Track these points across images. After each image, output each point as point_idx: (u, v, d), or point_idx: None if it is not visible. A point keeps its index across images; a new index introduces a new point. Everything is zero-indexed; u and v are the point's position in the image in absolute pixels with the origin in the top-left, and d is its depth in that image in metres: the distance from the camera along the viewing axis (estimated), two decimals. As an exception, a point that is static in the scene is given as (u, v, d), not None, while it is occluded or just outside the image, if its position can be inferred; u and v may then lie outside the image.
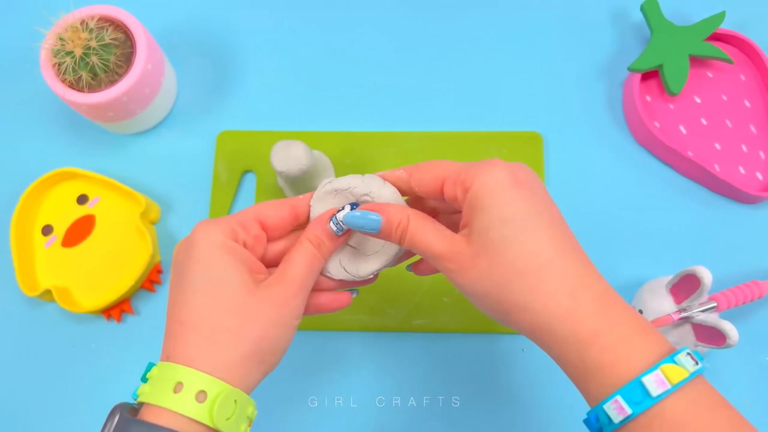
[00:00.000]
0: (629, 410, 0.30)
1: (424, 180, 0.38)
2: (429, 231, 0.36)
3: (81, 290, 0.56)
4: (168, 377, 0.33)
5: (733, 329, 0.46)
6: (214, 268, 0.35)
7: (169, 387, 0.33)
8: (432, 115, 0.61)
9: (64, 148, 0.61)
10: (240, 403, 0.34)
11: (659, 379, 0.30)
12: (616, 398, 0.31)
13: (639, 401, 0.30)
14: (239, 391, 0.34)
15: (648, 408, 0.30)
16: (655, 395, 0.30)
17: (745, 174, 0.57)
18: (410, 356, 0.55)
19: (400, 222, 0.36)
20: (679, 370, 0.30)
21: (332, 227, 0.38)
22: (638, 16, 0.63)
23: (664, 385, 0.30)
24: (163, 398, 0.33)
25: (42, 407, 0.55)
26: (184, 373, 0.33)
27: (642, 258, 0.56)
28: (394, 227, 0.37)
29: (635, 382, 0.30)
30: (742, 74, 0.60)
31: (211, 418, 0.32)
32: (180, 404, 0.32)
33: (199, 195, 0.59)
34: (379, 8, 0.65)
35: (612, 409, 0.31)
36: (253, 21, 0.65)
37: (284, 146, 0.51)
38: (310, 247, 0.37)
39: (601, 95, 0.61)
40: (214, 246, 0.36)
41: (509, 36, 0.63)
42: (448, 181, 0.36)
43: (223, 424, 0.33)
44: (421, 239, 0.36)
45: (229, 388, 0.33)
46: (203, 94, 0.63)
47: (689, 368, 0.31)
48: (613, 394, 0.31)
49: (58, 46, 0.53)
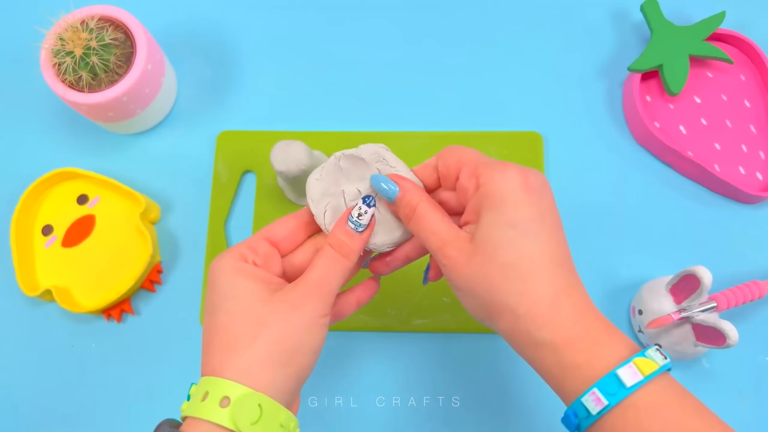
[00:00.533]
0: (606, 401, 0.32)
1: (448, 162, 0.39)
2: (436, 219, 0.37)
3: (81, 290, 0.56)
4: (200, 390, 0.35)
5: (733, 329, 0.46)
6: (228, 288, 0.37)
7: (199, 398, 0.35)
8: (432, 115, 0.61)
9: (64, 148, 0.61)
10: (267, 409, 0.34)
11: (633, 371, 0.33)
12: (594, 390, 0.33)
13: (614, 392, 0.32)
14: (264, 396, 0.34)
15: (623, 399, 0.32)
16: (629, 385, 0.32)
17: (745, 174, 0.57)
18: (410, 356, 0.55)
19: (411, 200, 0.38)
20: (650, 363, 0.33)
21: (350, 226, 0.39)
22: (638, 16, 0.63)
23: (637, 376, 0.32)
24: (195, 409, 0.34)
25: (42, 407, 0.55)
26: (209, 382, 0.35)
27: (642, 258, 0.56)
28: (406, 202, 0.38)
29: (611, 375, 0.33)
30: (742, 74, 0.60)
31: (233, 421, 0.33)
32: (208, 412, 0.34)
33: (199, 195, 0.59)
34: (379, 9, 0.65)
35: (590, 401, 0.33)
36: (253, 21, 0.65)
37: (284, 146, 0.51)
38: (329, 251, 0.38)
39: (601, 95, 0.61)
40: (226, 272, 0.37)
41: (509, 36, 0.63)
42: (464, 169, 0.38)
43: (247, 428, 0.33)
44: (427, 223, 0.37)
45: (250, 391, 0.34)
46: (203, 94, 0.63)
47: (659, 362, 0.33)
48: (590, 387, 0.33)
49: (58, 46, 0.53)
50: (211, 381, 0.35)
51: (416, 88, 0.62)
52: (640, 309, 0.52)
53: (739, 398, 0.53)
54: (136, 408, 0.54)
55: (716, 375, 0.53)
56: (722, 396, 0.53)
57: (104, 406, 0.55)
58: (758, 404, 0.53)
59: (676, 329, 0.50)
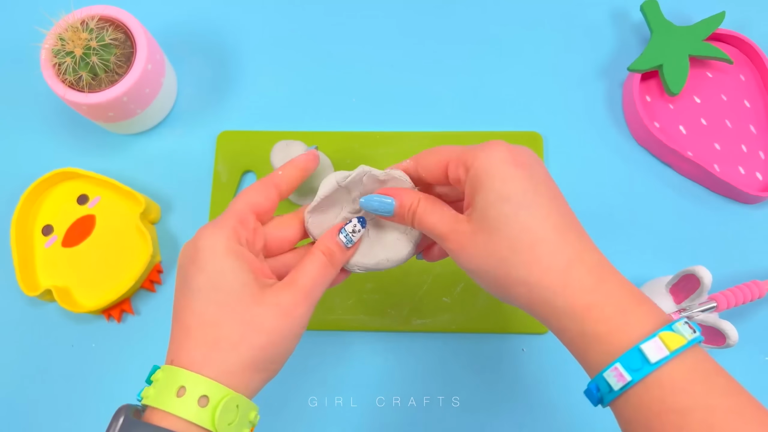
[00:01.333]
0: (629, 377, 0.31)
1: (429, 165, 0.39)
2: (435, 212, 0.38)
3: (81, 290, 0.56)
4: (172, 381, 0.34)
5: (733, 329, 0.46)
6: (218, 275, 0.35)
7: (172, 391, 0.33)
8: (432, 115, 0.61)
9: (64, 148, 0.61)
10: (242, 409, 0.34)
11: (658, 346, 0.31)
12: (616, 366, 0.31)
13: (638, 368, 0.31)
14: (242, 397, 0.34)
15: (647, 375, 0.31)
16: (653, 361, 0.31)
17: (745, 174, 0.57)
18: (410, 356, 0.55)
19: (411, 205, 0.38)
20: (677, 337, 0.31)
21: (342, 239, 0.39)
22: (638, 16, 0.63)
23: (663, 352, 0.31)
24: (166, 402, 0.33)
25: (42, 407, 0.55)
26: (187, 377, 0.33)
27: (642, 258, 0.56)
28: (406, 209, 0.38)
29: (634, 349, 0.31)
30: (741, 74, 0.60)
31: (213, 423, 0.33)
32: (182, 408, 0.33)
33: (199, 195, 0.59)
34: (378, 9, 0.65)
35: (612, 377, 0.32)
36: (253, 21, 0.65)
37: (284, 146, 0.51)
38: (321, 257, 0.38)
39: (601, 95, 0.61)
40: (217, 252, 0.36)
41: (509, 36, 0.63)
42: (451, 163, 0.38)
43: (224, 429, 0.33)
44: (428, 220, 0.38)
45: (232, 394, 0.34)
46: (203, 94, 0.63)
47: (687, 336, 0.31)
48: (613, 362, 0.32)
49: (58, 47, 0.53)
50: (187, 375, 0.33)
51: (416, 88, 0.62)
52: (640, 309, 0.52)
53: (739, 398, 0.53)
54: (136, 408, 0.54)
55: (716, 375, 0.53)
56: (722, 396, 0.53)
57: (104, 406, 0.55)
58: (758, 404, 0.53)
59: (676, 329, 0.50)
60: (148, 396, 0.34)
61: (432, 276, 0.55)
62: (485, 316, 0.55)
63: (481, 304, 0.55)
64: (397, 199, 0.39)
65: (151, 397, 0.34)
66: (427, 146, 0.58)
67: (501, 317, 0.55)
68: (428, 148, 0.40)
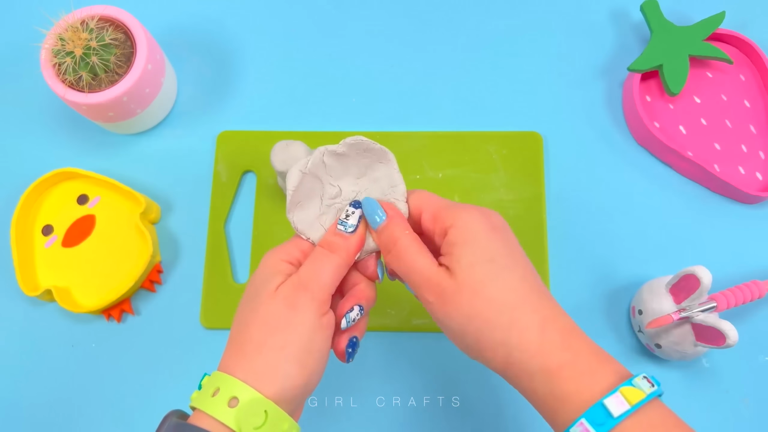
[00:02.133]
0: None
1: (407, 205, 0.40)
2: (419, 254, 0.37)
3: (81, 290, 0.56)
4: (212, 383, 0.35)
5: (733, 329, 0.46)
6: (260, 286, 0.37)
7: (210, 392, 0.35)
8: (432, 115, 0.61)
9: (64, 148, 0.61)
10: (272, 416, 0.34)
11: (619, 400, 0.33)
12: (581, 421, 0.33)
13: (602, 422, 0.32)
14: (271, 403, 0.34)
15: (611, 429, 0.32)
16: (616, 415, 0.32)
17: (745, 174, 0.57)
18: (410, 356, 0.55)
19: (394, 232, 0.38)
20: (637, 391, 0.33)
21: (341, 229, 0.39)
22: (638, 16, 0.63)
23: (624, 406, 0.32)
24: (203, 402, 0.35)
25: (42, 407, 0.55)
26: (222, 379, 0.35)
27: (642, 258, 0.56)
28: (388, 233, 0.38)
29: (598, 404, 0.33)
30: (741, 74, 0.60)
31: (237, 423, 0.33)
32: (214, 407, 0.34)
33: (199, 195, 0.59)
34: (378, 9, 0.65)
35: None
36: (253, 21, 0.65)
37: (284, 146, 0.51)
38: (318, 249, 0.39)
39: (601, 95, 0.61)
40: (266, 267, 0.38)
41: (509, 36, 0.63)
42: (425, 213, 0.39)
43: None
44: (410, 258, 0.37)
45: (259, 397, 0.34)
46: (203, 94, 0.63)
47: (646, 390, 0.33)
48: (578, 418, 0.33)
49: (58, 47, 0.53)
50: (223, 378, 0.35)
51: (416, 88, 0.62)
52: (640, 309, 0.52)
53: (739, 398, 0.53)
54: (136, 408, 0.54)
55: (716, 375, 0.53)
56: (722, 396, 0.53)
57: (104, 406, 0.55)
58: (758, 404, 0.53)
59: (675, 329, 0.50)
60: (194, 398, 0.36)
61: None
62: (485, 316, 0.54)
63: (481, 304, 0.55)
64: (388, 219, 0.38)
65: (194, 399, 0.36)
66: (427, 146, 0.59)
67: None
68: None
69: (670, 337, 0.50)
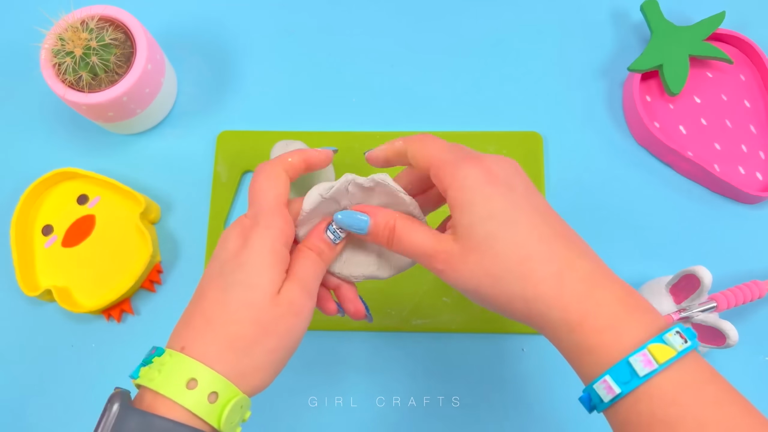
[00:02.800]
0: (617, 389, 0.31)
1: (416, 157, 0.38)
2: (416, 231, 0.37)
3: (81, 290, 0.56)
4: (182, 370, 0.33)
5: (733, 329, 0.46)
6: (257, 276, 0.36)
7: (182, 380, 0.33)
8: (432, 115, 0.61)
9: (64, 148, 0.61)
10: (243, 409, 0.35)
11: (646, 359, 0.31)
12: (605, 378, 0.32)
13: (627, 381, 0.31)
14: (247, 398, 0.35)
15: (635, 387, 0.31)
16: (642, 375, 0.31)
17: (745, 174, 0.57)
18: (410, 356, 0.55)
19: (387, 223, 0.37)
20: (667, 349, 0.31)
21: (329, 236, 0.39)
22: (638, 16, 0.63)
23: (651, 365, 0.31)
24: (174, 391, 0.33)
25: (42, 407, 0.55)
26: (200, 370, 0.33)
27: (642, 258, 0.56)
28: (381, 228, 0.38)
29: (623, 362, 0.31)
30: (742, 74, 0.60)
31: (219, 421, 0.33)
32: (192, 401, 0.33)
33: (199, 195, 0.59)
34: (378, 8, 0.65)
35: (601, 389, 0.32)
36: (253, 21, 0.65)
37: (284, 146, 0.51)
38: (311, 254, 0.38)
39: (601, 95, 0.61)
40: (264, 255, 0.36)
41: (509, 36, 0.63)
42: (432, 169, 0.37)
43: (228, 428, 0.34)
44: (408, 239, 0.37)
45: (241, 395, 0.34)
46: (203, 94, 0.63)
47: (677, 347, 0.31)
48: (602, 374, 0.32)
49: (58, 47, 0.53)
50: (201, 369, 0.33)
51: (416, 88, 0.62)
52: (640, 309, 0.52)
53: (739, 398, 0.53)
54: (136, 408, 0.54)
55: (716, 375, 0.53)
56: (722, 396, 0.53)
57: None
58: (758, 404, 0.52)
59: (676, 329, 0.50)
60: (152, 379, 0.33)
61: (432, 276, 0.55)
62: (485, 316, 0.55)
63: (481, 304, 0.55)
64: (372, 217, 0.38)
65: (156, 381, 0.33)
66: (427, 146, 0.59)
67: (501, 317, 0.54)
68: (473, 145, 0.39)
69: (670, 337, 0.50)
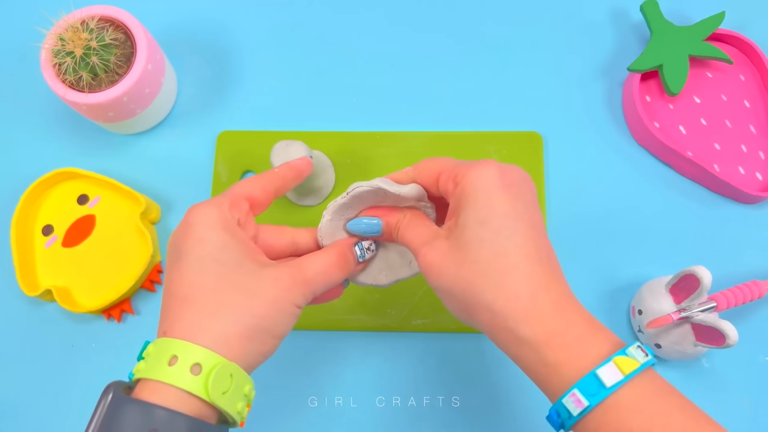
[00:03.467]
0: (586, 402, 0.32)
1: (423, 175, 0.39)
2: (413, 227, 0.39)
3: (81, 290, 0.56)
4: (164, 352, 0.33)
5: (733, 329, 0.46)
6: (217, 247, 0.35)
7: (164, 360, 0.33)
8: (432, 115, 0.61)
9: (64, 148, 0.61)
10: (236, 379, 0.34)
11: (612, 370, 0.32)
12: (574, 392, 0.32)
13: (595, 393, 0.32)
14: (235, 366, 0.34)
15: (603, 399, 0.32)
16: (609, 386, 0.32)
17: (745, 174, 0.57)
18: (410, 356, 0.55)
19: (397, 222, 0.40)
20: (631, 361, 0.32)
21: (357, 251, 0.40)
22: (638, 16, 0.63)
23: (617, 376, 0.32)
24: (157, 371, 0.32)
25: (42, 407, 0.55)
26: (179, 346, 0.33)
27: (642, 258, 0.56)
28: (392, 227, 0.40)
29: (590, 375, 0.32)
30: (741, 74, 0.60)
31: (206, 391, 0.32)
32: (174, 377, 0.32)
33: (199, 195, 0.59)
34: (379, 8, 0.65)
35: (570, 402, 0.33)
36: (253, 21, 0.65)
37: (284, 146, 0.51)
38: (335, 255, 0.39)
39: (601, 95, 0.61)
40: (214, 226, 0.36)
41: (509, 36, 0.63)
42: (442, 174, 0.38)
43: (219, 398, 0.33)
44: (405, 235, 0.39)
45: (225, 361, 0.33)
46: (203, 94, 0.63)
47: (640, 360, 0.32)
48: (570, 388, 0.33)
49: (58, 47, 0.53)
50: (180, 344, 0.33)
51: (416, 88, 0.62)
52: (640, 309, 0.52)
53: (739, 398, 0.53)
54: (136, 408, 0.54)
55: (716, 375, 0.53)
56: (722, 396, 0.53)
57: (104, 406, 0.55)
58: (758, 404, 0.53)
59: (675, 329, 0.50)
60: (139, 370, 0.34)
61: (432, 276, 0.55)
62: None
63: (481, 304, 0.55)
64: (384, 219, 0.40)
65: (142, 370, 0.33)
66: (427, 146, 0.59)
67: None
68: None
69: (670, 337, 0.50)
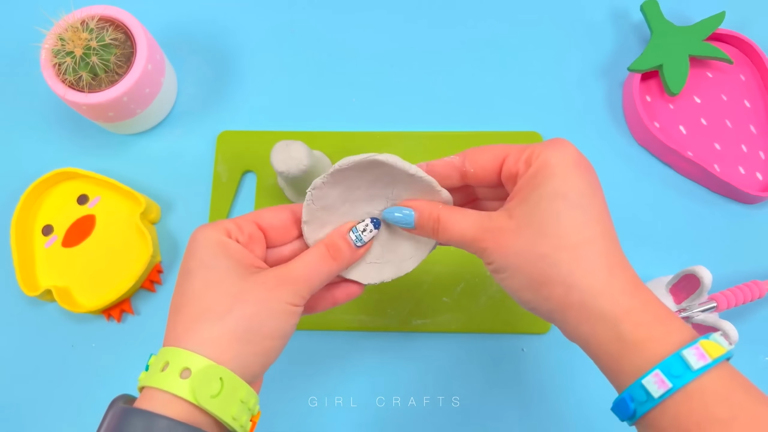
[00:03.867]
0: (670, 384, 0.30)
1: (480, 161, 0.38)
2: (460, 217, 0.37)
3: (81, 290, 0.56)
4: (159, 359, 0.34)
5: (733, 329, 0.46)
6: (208, 258, 0.36)
7: (158, 368, 0.33)
8: (432, 115, 0.61)
9: (64, 148, 0.61)
10: (228, 383, 0.33)
11: (700, 352, 0.30)
12: (656, 372, 0.30)
13: (679, 374, 0.30)
14: (225, 369, 0.33)
15: (688, 383, 0.30)
16: (696, 368, 0.30)
17: (745, 174, 0.57)
18: (410, 356, 0.55)
19: (431, 214, 0.38)
20: (717, 346, 0.31)
21: (352, 237, 0.39)
22: (638, 16, 0.63)
23: (705, 359, 0.30)
24: (153, 378, 0.33)
25: (42, 407, 0.55)
26: (171, 352, 0.34)
27: (642, 258, 0.56)
28: (426, 219, 0.38)
29: (675, 356, 0.30)
30: (741, 74, 0.60)
31: (193, 393, 0.32)
32: (166, 382, 0.33)
33: (199, 195, 0.59)
34: (378, 8, 0.65)
35: (652, 383, 0.30)
36: (253, 21, 0.65)
37: (284, 146, 0.51)
38: (321, 248, 0.38)
39: (601, 95, 0.61)
40: (208, 243, 0.37)
41: (509, 36, 0.63)
42: (510, 158, 0.36)
43: (207, 402, 0.32)
44: (454, 226, 0.37)
45: (211, 364, 0.33)
46: (203, 94, 0.63)
47: (725, 347, 0.31)
48: (653, 368, 0.31)
49: (58, 47, 0.53)
50: (171, 351, 0.34)
51: (416, 88, 0.62)
52: (640, 309, 0.52)
53: (739, 398, 0.53)
54: (136, 408, 0.54)
55: (716, 375, 0.53)
56: (722, 396, 0.53)
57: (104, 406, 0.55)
58: (758, 404, 0.53)
59: (676, 329, 0.50)
60: (141, 379, 0.35)
61: (432, 276, 0.55)
62: (485, 316, 0.55)
63: (481, 304, 0.55)
64: (417, 210, 0.38)
65: (143, 379, 0.34)
66: (426, 146, 0.59)
67: (501, 317, 0.55)
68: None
69: (670, 337, 0.50)
